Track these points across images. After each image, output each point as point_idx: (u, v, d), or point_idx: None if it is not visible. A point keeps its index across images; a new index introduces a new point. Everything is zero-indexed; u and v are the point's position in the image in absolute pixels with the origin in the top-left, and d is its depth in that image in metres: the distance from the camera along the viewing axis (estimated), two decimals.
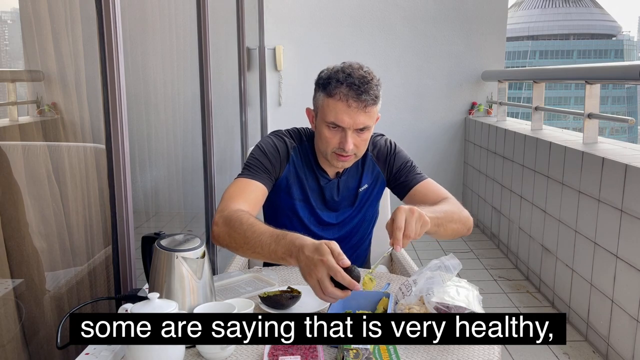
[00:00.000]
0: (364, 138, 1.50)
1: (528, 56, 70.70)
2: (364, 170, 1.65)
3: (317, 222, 1.63)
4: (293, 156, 1.59)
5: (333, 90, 1.44)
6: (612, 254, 2.48)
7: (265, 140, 1.60)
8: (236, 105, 3.88)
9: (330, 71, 1.48)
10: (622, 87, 59.02)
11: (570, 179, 2.91)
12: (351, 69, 1.45)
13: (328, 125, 1.47)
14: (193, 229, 3.05)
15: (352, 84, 1.43)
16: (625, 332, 2.37)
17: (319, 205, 1.62)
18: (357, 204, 1.65)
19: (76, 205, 1.56)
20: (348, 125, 1.45)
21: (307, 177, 1.61)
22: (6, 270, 1.27)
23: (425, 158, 5.16)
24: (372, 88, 1.45)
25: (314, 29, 4.91)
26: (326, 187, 1.61)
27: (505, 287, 3.40)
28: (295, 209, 1.60)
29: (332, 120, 1.46)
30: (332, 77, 1.45)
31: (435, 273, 1.20)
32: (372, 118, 1.48)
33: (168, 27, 2.77)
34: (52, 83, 1.58)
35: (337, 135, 1.48)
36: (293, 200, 1.60)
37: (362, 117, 1.45)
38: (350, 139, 1.46)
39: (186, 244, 1.13)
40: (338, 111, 1.44)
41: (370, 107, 1.45)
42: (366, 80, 1.44)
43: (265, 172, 1.54)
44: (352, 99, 1.43)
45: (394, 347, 1.04)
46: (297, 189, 1.60)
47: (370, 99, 1.44)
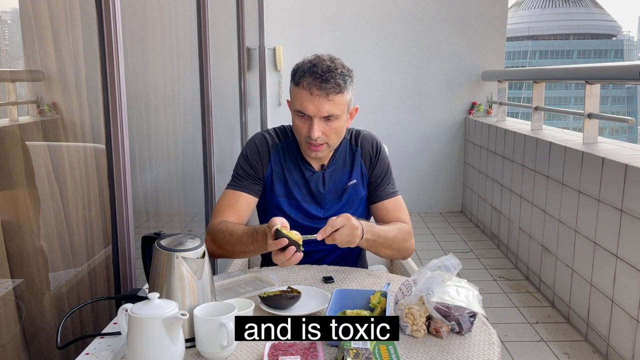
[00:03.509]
0: (333, 127, 1.54)
1: (528, 56, 70.71)
2: (353, 165, 1.67)
3: (305, 215, 1.65)
4: (274, 154, 1.65)
5: (299, 80, 1.52)
6: (612, 254, 2.48)
7: (248, 144, 1.68)
8: (236, 105, 3.88)
9: (300, 63, 1.55)
10: (622, 87, 59.01)
11: (570, 179, 2.91)
12: (318, 60, 1.52)
13: (297, 114, 1.54)
14: (193, 229, 3.05)
15: (316, 73, 1.49)
16: (625, 332, 2.37)
17: (305, 199, 1.65)
18: (345, 199, 1.66)
19: (76, 205, 1.56)
20: (313, 113, 1.50)
21: (291, 171, 1.65)
22: (6, 270, 1.27)
23: (425, 158, 5.16)
24: (335, 77, 1.49)
25: (314, 29, 4.91)
26: (311, 180, 1.65)
27: (505, 287, 3.40)
28: (282, 205, 1.64)
29: (299, 108, 1.52)
30: (300, 68, 1.53)
31: (435, 273, 1.20)
32: (337, 106, 1.51)
33: (168, 27, 2.77)
34: (52, 83, 1.58)
35: (305, 124, 1.53)
36: (276, 197, 1.64)
37: (326, 105, 1.49)
38: (317, 127, 1.51)
39: (186, 244, 1.13)
40: (303, 99, 1.51)
41: (334, 96, 1.50)
42: (330, 69, 1.49)
43: (249, 179, 1.63)
44: (315, 87, 1.49)
45: (394, 347, 1.04)
46: (280, 186, 1.64)
47: (331, 87, 1.48)
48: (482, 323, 1.22)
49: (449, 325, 1.15)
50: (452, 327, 1.15)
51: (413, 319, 1.15)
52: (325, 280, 1.47)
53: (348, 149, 1.68)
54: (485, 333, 1.18)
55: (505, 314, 3.01)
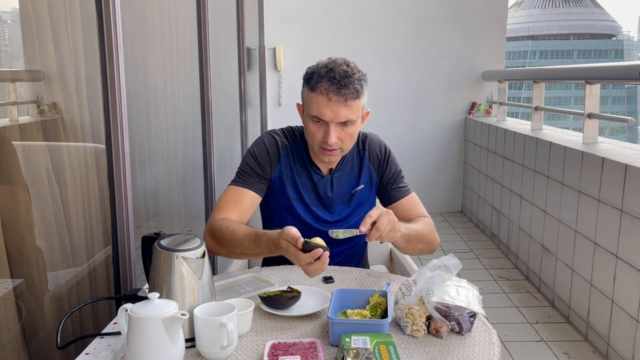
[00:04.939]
0: (348, 132, 1.52)
1: (528, 56, 70.70)
2: (361, 170, 1.66)
3: (314, 218, 1.64)
4: (283, 156, 1.62)
5: (315, 85, 1.48)
6: (612, 254, 2.48)
7: (257, 143, 1.65)
8: (236, 105, 3.89)
9: (315, 66, 1.52)
10: (622, 87, 59.01)
11: (570, 179, 2.91)
12: (334, 64, 1.49)
13: (312, 119, 1.51)
14: (193, 229, 3.05)
15: (333, 79, 1.46)
16: (625, 332, 2.37)
17: (314, 202, 1.64)
18: (354, 204, 1.66)
19: (76, 205, 1.56)
20: (330, 118, 1.48)
21: (300, 174, 1.63)
22: (6, 270, 1.27)
23: (425, 158, 5.16)
24: (353, 82, 1.47)
25: (314, 29, 4.91)
26: (319, 183, 1.63)
27: (505, 287, 3.40)
28: (292, 208, 1.62)
29: (315, 113, 1.49)
30: (315, 72, 1.49)
31: (435, 273, 1.20)
32: (354, 112, 1.49)
33: (168, 27, 2.77)
34: (52, 83, 1.58)
35: (321, 129, 1.51)
36: (289, 200, 1.62)
37: (343, 110, 1.47)
38: (334, 133, 1.49)
39: (186, 244, 1.12)
40: (320, 105, 1.47)
41: (352, 101, 1.47)
42: (347, 74, 1.46)
43: (255, 177, 1.60)
44: (333, 92, 1.46)
45: (394, 347, 1.04)
46: (292, 189, 1.62)
47: (350, 93, 1.46)
48: (482, 323, 1.22)
49: (449, 325, 1.15)
50: (452, 327, 1.15)
51: (413, 319, 1.15)
52: (325, 280, 1.47)
53: (356, 153, 1.67)
54: (485, 333, 1.18)
55: (505, 314, 3.01)
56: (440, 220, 4.96)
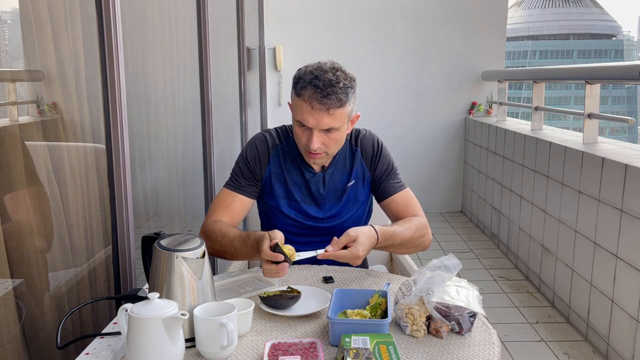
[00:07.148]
0: (333, 138, 1.52)
1: (528, 56, 70.69)
2: (353, 165, 1.66)
3: (305, 216, 1.64)
4: (273, 156, 1.64)
5: (300, 91, 1.49)
6: (612, 254, 2.48)
7: (249, 144, 1.67)
8: (236, 105, 3.89)
9: (302, 70, 1.51)
10: (622, 87, 59.00)
11: (570, 179, 2.91)
12: (319, 71, 1.47)
13: (297, 123, 1.53)
14: (193, 229, 3.05)
15: (317, 87, 1.45)
16: (625, 332, 2.37)
17: (305, 199, 1.64)
18: (345, 200, 1.66)
19: (76, 205, 1.56)
20: (312, 125, 1.48)
21: (291, 172, 1.64)
22: (6, 270, 1.27)
23: (425, 158, 5.16)
24: (336, 92, 1.45)
25: (314, 29, 4.91)
26: (311, 181, 1.64)
27: (505, 287, 3.40)
28: (279, 207, 1.64)
29: (299, 119, 1.51)
30: (301, 78, 1.49)
31: (435, 273, 1.20)
32: (337, 120, 1.49)
33: (168, 27, 2.77)
34: (52, 83, 1.58)
35: (305, 133, 1.52)
36: (279, 199, 1.64)
37: (326, 119, 1.47)
38: (317, 139, 1.49)
39: (186, 244, 1.13)
40: (303, 112, 1.48)
41: (335, 110, 1.47)
42: (331, 83, 1.45)
43: (246, 179, 1.63)
44: (316, 101, 1.45)
45: (394, 347, 1.04)
46: (280, 187, 1.64)
47: (332, 103, 1.45)
48: (482, 323, 1.22)
49: (449, 325, 1.15)
50: (452, 327, 1.15)
51: (413, 319, 1.15)
52: (325, 280, 1.47)
53: (348, 149, 1.67)
54: (485, 333, 1.18)
55: (505, 314, 3.00)
56: (440, 220, 4.96)
